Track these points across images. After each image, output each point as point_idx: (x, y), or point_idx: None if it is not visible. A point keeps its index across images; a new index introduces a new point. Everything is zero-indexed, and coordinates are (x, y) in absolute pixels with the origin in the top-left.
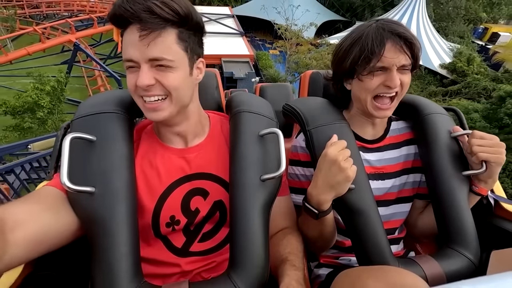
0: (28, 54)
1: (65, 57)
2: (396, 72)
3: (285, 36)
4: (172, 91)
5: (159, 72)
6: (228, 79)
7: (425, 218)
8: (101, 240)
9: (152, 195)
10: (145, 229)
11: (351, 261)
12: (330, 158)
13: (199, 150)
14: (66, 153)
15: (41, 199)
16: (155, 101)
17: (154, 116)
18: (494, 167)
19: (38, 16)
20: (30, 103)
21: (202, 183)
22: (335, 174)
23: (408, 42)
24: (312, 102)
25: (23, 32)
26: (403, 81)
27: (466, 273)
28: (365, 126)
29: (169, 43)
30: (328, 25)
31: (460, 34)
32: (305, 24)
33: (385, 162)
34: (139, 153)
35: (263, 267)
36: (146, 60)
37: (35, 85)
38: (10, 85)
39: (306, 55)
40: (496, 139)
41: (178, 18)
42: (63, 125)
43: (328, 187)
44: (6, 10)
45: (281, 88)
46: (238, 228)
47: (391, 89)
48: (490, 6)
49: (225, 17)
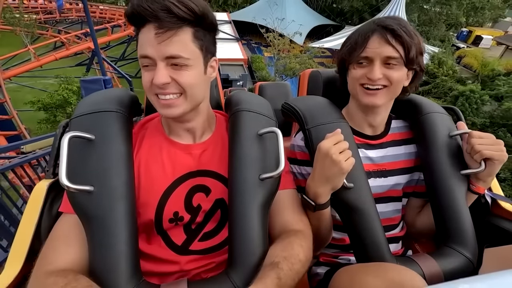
0: (56, 60)
1: (78, 59)
2: (380, 65)
3: (272, 44)
4: (187, 89)
5: (174, 71)
6: (224, 80)
7: (423, 217)
8: (100, 238)
9: (156, 190)
10: (147, 224)
11: (351, 261)
12: (323, 152)
13: (205, 147)
14: (65, 152)
15: (72, 236)
16: (170, 98)
17: (168, 113)
18: (496, 165)
19: (51, 21)
20: (61, 100)
21: (204, 180)
22: (328, 167)
23: (396, 34)
24: (311, 101)
25: (52, 40)
26: (389, 76)
27: (464, 271)
28: (363, 121)
29: (185, 42)
30: (320, 29)
31: (441, 38)
32: (290, 33)
33: (387, 159)
34: (143, 147)
35: (261, 265)
36: (162, 58)
37: (64, 86)
38: (32, 85)
39: (292, 60)
40: (493, 137)
41: (194, 17)
42: (61, 123)
43: (323, 180)
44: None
45: (280, 86)
46: (236, 227)
47: (372, 82)
48: (474, 10)
49: (223, 23)
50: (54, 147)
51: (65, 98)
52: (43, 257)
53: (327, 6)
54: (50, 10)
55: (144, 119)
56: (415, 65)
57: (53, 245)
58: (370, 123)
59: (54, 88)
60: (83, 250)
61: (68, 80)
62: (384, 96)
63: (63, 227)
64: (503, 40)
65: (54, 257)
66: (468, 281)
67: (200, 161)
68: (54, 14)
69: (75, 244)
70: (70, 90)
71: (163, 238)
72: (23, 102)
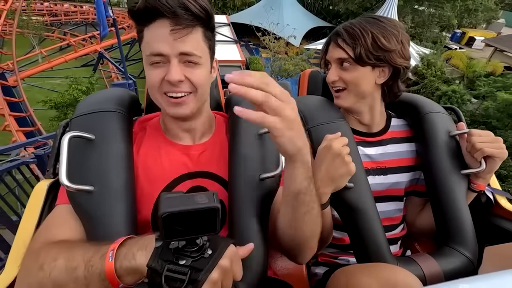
0: (65, 62)
1: (84, 60)
2: (336, 67)
3: (268, 46)
4: (199, 88)
5: (187, 69)
6: (222, 80)
7: (423, 217)
8: (100, 238)
9: (153, 191)
10: (144, 224)
11: (350, 261)
12: (335, 151)
13: (204, 148)
14: (65, 151)
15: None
16: (182, 96)
17: (178, 111)
18: (497, 162)
19: (56, 24)
20: (71, 99)
21: (203, 181)
22: (338, 166)
23: (342, 38)
24: (311, 100)
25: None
26: (343, 77)
27: (464, 271)
28: (355, 119)
29: (198, 40)
30: (317, 30)
31: (434, 39)
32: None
33: (387, 156)
34: (142, 147)
35: (262, 265)
36: (176, 55)
37: (74, 86)
38: (41, 85)
39: (286, 62)
40: (492, 135)
41: (206, 16)
42: (62, 123)
43: (329, 180)
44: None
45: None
46: (237, 227)
47: (330, 83)
48: (467, 12)
49: (222, 25)
50: (54, 147)
51: (75, 97)
52: (34, 239)
53: (323, 8)
54: (55, 13)
55: (142, 118)
56: (370, 61)
57: (44, 230)
58: (360, 121)
59: (61, 88)
60: (74, 235)
61: (77, 81)
62: (346, 97)
63: (53, 215)
64: (492, 42)
65: (44, 238)
66: (468, 281)
67: (199, 162)
68: (59, 17)
69: (67, 228)
70: (80, 90)
71: None
72: (35, 101)
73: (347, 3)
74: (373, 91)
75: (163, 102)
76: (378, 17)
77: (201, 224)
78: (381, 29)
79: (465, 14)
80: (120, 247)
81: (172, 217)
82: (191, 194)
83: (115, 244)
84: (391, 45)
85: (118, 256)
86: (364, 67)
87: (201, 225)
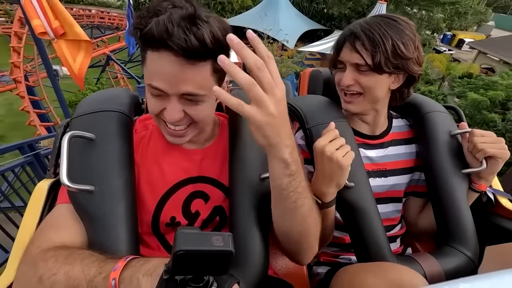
0: None
1: (91, 62)
2: (352, 70)
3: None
4: (199, 122)
5: (188, 106)
6: None
7: (424, 216)
8: (101, 238)
9: (154, 194)
10: (144, 227)
11: (351, 260)
12: (318, 150)
13: (206, 153)
14: (65, 151)
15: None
16: (179, 130)
17: (176, 141)
18: (499, 162)
19: None
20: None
21: (204, 186)
22: (327, 164)
23: (362, 42)
24: (311, 100)
25: None
26: (360, 81)
27: (465, 270)
28: (358, 121)
29: (205, 77)
30: (311, 33)
31: (423, 42)
32: (280, 40)
33: (388, 159)
34: (144, 149)
35: (262, 264)
36: (177, 94)
37: (87, 86)
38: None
39: (279, 65)
40: (494, 135)
41: (220, 50)
42: (62, 123)
43: (326, 178)
44: None
45: None
46: (237, 227)
47: (344, 87)
48: (457, 15)
49: None
50: (55, 146)
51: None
52: (31, 241)
53: (318, 11)
54: None
55: (144, 116)
56: (388, 70)
57: (42, 232)
58: (365, 123)
59: (70, 88)
60: (73, 236)
61: (88, 81)
62: (360, 103)
63: (53, 215)
64: (475, 45)
65: (42, 241)
66: (468, 281)
67: (201, 167)
68: None
69: (66, 230)
70: (91, 89)
71: (161, 242)
72: (50, 99)
73: (340, 6)
74: (385, 96)
75: (162, 129)
76: (395, 18)
77: (212, 264)
78: (401, 35)
79: (455, 17)
80: (124, 268)
81: (186, 255)
82: (208, 233)
83: (119, 265)
84: (409, 53)
85: (122, 279)
86: (381, 74)
87: (211, 266)
